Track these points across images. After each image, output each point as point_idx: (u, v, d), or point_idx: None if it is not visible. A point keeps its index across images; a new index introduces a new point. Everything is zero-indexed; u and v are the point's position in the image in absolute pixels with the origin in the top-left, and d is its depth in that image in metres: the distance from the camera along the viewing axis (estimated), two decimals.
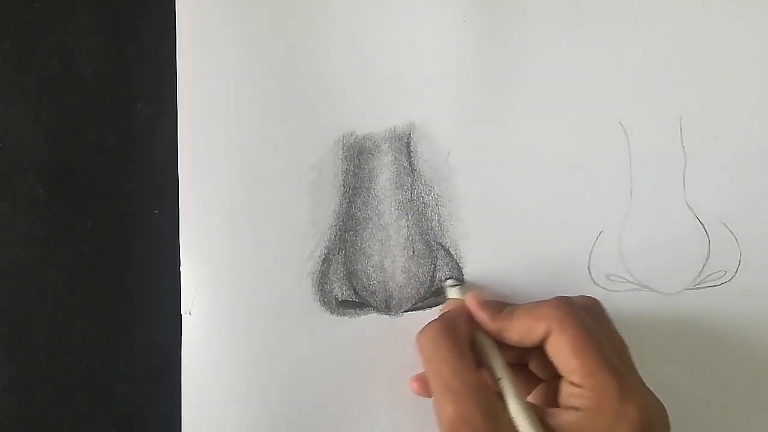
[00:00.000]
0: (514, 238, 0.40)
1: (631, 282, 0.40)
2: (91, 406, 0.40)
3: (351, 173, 0.40)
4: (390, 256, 0.40)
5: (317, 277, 0.40)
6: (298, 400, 0.39)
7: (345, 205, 0.40)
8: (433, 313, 0.40)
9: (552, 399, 0.33)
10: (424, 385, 0.36)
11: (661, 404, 0.31)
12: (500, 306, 0.35)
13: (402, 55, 0.41)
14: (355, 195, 0.40)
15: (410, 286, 0.40)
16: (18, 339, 0.40)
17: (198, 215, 0.40)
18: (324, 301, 0.40)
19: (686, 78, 0.41)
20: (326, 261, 0.40)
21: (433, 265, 0.40)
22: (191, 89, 0.40)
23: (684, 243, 0.40)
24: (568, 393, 0.31)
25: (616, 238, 0.40)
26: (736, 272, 0.40)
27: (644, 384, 0.32)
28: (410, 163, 0.40)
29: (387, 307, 0.40)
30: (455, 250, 0.40)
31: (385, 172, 0.40)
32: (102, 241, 0.40)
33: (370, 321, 0.40)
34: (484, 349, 0.34)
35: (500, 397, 0.32)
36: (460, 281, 0.39)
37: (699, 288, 0.40)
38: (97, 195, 0.41)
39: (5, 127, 0.41)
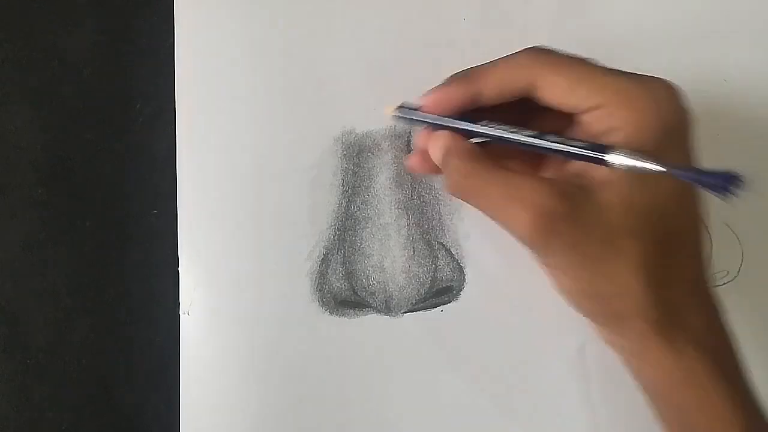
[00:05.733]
0: None
1: None
2: (90, 406, 0.40)
3: (350, 172, 0.40)
4: (390, 256, 0.40)
5: (316, 277, 0.40)
6: (297, 400, 0.39)
7: (344, 205, 0.40)
8: (434, 314, 0.39)
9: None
10: (421, 160, 0.33)
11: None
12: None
13: (401, 54, 0.41)
14: (354, 194, 0.40)
15: (410, 286, 0.40)
16: (18, 339, 0.40)
17: (197, 215, 0.40)
18: (323, 302, 0.39)
19: (686, 77, 0.41)
20: (325, 261, 0.40)
21: (433, 265, 0.40)
22: (190, 89, 0.40)
23: None
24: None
25: None
26: (738, 272, 0.40)
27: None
28: None
29: (387, 307, 0.40)
30: (456, 249, 0.40)
31: (384, 170, 0.40)
32: (101, 241, 0.40)
33: (370, 321, 0.40)
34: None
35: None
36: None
37: None
38: (97, 195, 0.41)
39: (5, 127, 0.41)
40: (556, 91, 0.29)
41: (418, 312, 0.40)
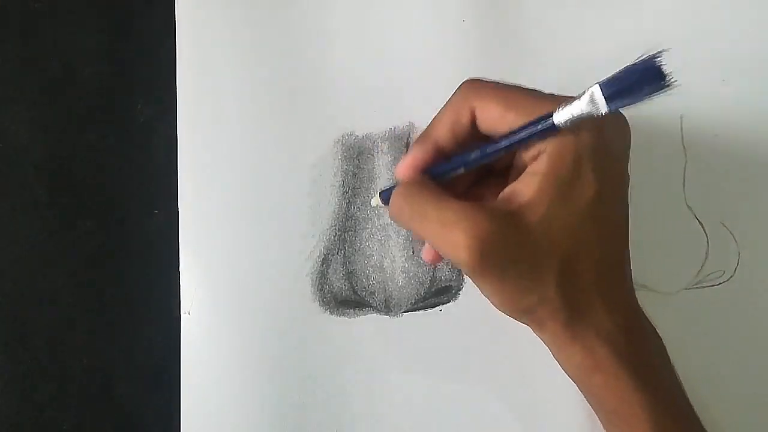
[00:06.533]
0: None
1: None
2: (90, 406, 0.40)
3: (350, 173, 0.40)
4: (389, 257, 0.40)
5: (317, 277, 0.40)
6: (298, 400, 0.39)
7: (344, 206, 0.40)
8: (433, 313, 0.40)
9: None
10: (432, 250, 0.35)
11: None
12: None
13: (402, 55, 0.41)
14: (354, 195, 0.40)
15: (410, 286, 0.40)
16: (18, 339, 0.40)
17: (197, 215, 0.40)
18: (323, 301, 0.40)
19: (687, 77, 0.41)
20: (326, 261, 0.40)
21: (432, 266, 0.40)
22: (191, 89, 0.40)
23: (683, 243, 0.40)
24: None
25: None
26: (734, 272, 0.40)
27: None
28: None
29: (386, 307, 0.40)
30: None
31: (384, 172, 0.40)
32: (102, 241, 0.40)
33: (370, 321, 0.40)
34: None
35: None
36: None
37: (698, 288, 0.40)
38: (97, 195, 0.41)
39: (5, 127, 0.41)
40: (490, 117, 0.31)
41: (417, 311, 0.40)
